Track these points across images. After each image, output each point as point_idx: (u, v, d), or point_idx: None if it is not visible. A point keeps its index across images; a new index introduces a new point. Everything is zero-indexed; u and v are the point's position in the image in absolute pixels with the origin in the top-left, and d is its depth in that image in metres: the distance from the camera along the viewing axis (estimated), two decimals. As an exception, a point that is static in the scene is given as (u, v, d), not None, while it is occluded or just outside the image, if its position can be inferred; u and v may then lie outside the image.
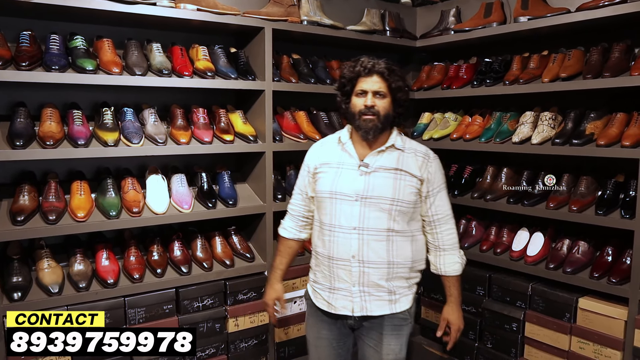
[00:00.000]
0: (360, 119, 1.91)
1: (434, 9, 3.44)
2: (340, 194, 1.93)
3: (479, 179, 3.01)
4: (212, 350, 2.57)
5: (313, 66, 3.01)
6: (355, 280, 1.92)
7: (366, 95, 1.90)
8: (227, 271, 2.60)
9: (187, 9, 2.41)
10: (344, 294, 1.95)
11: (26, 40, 2.21)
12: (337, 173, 1.97)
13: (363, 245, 1.90)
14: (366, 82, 1.90)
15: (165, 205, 2.48)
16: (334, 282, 1.96)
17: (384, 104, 1.91)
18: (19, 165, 2.42)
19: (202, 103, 2.73)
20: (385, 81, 1.90)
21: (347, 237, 1.91)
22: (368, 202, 1.90)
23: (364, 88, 1.91)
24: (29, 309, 2.08)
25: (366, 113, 1.89)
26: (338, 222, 1.93)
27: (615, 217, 2.35)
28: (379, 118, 1.89)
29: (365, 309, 1.93)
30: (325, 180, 1.99)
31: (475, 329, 2.86)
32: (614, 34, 2.54)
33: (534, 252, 2.65)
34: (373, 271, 1.91)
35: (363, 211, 1.90)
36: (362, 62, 1.92)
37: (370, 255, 1.90)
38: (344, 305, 1.95)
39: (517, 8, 2.72)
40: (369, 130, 1.90)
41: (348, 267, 1.92)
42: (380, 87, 1.90)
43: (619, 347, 2.31)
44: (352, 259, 1.91)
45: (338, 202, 1.93)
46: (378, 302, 1.93)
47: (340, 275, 1.94)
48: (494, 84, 2.84)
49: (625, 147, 2.28)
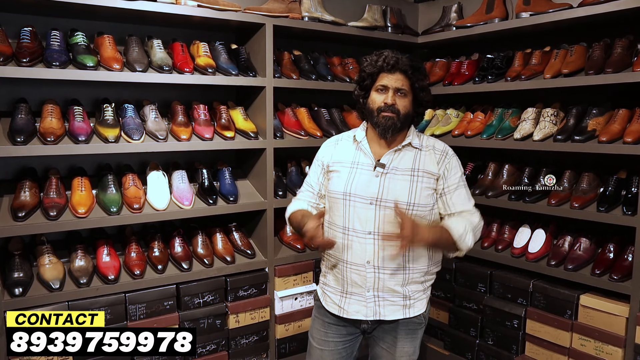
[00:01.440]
0: (379, 115, 1.83)
1: (435, 5, 3.43)
2: (355, 195, 1.85)
3: (480, 176, 3.00)
4: (212, 346, 2.57)
5: (314, 62, 3.00)
6: (370, 286, 1.85)
7: (387, 91, 1.82)
8: (227, 267, 2.60)
9: (188, 5, 2.41)
10: (357, 298, 1.88)
11: (27, 37, 2.21)
12: (351, 173, 1.89)
13: (379, 251, 1.82)
14: (388, 79, 1.82)
15: (166, 201, 2.48)
16: (347, 287, 1.89)
17: (405, 103, 1.83)
18: (20, 162, 2.43)
19: (202, 99, 2.74)
20: (409, 79, 1.82)
21: (362, 241, 1.84)
22: (384, 206, 1.81)
23: (385, 84, 1.82)
24: (30, 305, 2.09)
25: (385, 110, 1.81)
26: (352, 225, 1.85)
27: (617, 213, 2.34)
28: (399, 117, 1.82)
29: (379, 313, 1.87)
30: (338, 180, 1.90)
31: (476, 325, 2.85)
32: (616, 30, 2.53)
33: (535, 249, 2.64)
34: (389, 277, 1.84)
35: (379, 215, 1.82)
36: (386, 57, 1.82)
37: (386, 261, 1.83)
38: (357, 310, 1.89)
39: (519, 4, 2.70)
40: (387, 128, 1.82)
41: (363, 273, 1.85)
42: (403, 84, 1.82)
43: (621, 344, 2.31)
44: (367, 265, 1.84)
45: (352, 204, 1.85)
46: (392, 307, 1.87)
47: (354, 279, 1.87)
48: (495, 80, 2.83)
49: (628, 143, 2.26)
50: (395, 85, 1.81)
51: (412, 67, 1.82)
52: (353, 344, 2.01)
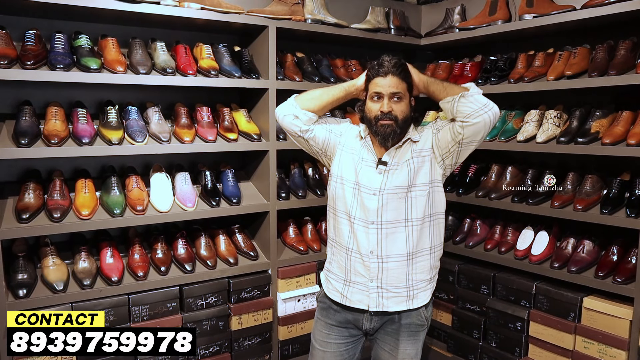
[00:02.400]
0: (377, 124, 1.81)
1: (438, 7, 3.42)
2: (363, 186, 1.87)
3: (483, 178, 2.99)
4: (215, 348, 2.58)
5: (317, 64, 3.00)
6: (374, 276, 1.86)
7: (382, 99, 1.80)
8: (230, 269, 2.61)
9: (191, 7, 2.42)
10: (360, 287, 1.88)
11: (31, 39, 2.22)
12: (358, 165, 1.90)
13: (382, 239, 1.84)
14: (382, 85, 1.79)
15: (170, 203, 2.49)
16: (350, 275, 1.90)
17: (402, 108, 1.81)
18: (24, 164, 2.44)
19: (206, 101, 2.74)
20: (403, 81, 1.80)
21: (365, 230, 1.85)
22: (386, 194, 1.83)
23: (378, 91, 1.80)
24: (34, 306, 2.10)
25: (383, 118, 1.79)
26: (357, 213, 1.87)
27: (621, 216, 2.33)
28: (397, 123, 1.80)
29: (382, 304, 1.87)
30: (348, 166, 1.91)
31: (479, 328, 2.85)
32: (619, 32, 2.52)
33: (538, 251, 2.64)
34: (392, 265, 1.85)
35: (381, 204, 1.83)
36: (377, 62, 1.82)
37: (390, 249, 1.84)
38: (359, 300, 1.89)
39: (522, 6, 2.71)
40: (386, 136, 1.81)
41: (367, 262, 1.86)
42: (398, 87, 1.79)
43: (624, 346, 2.30)
44: (370, 254, 1.85)
45: (359, 193, 1.87)
46: (395, 298, 1.87)
47: (358, 269, 1.88)
48: (498, 82, 2.83)
49: (631, 145, 2.26)
50: (390, 90, 1.79)
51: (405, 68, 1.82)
52: (355, 345, 2.01)
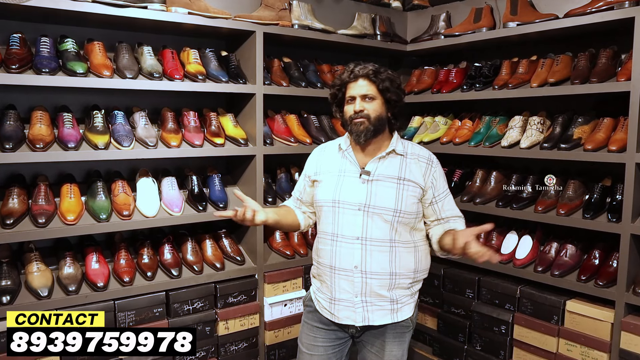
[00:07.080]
0: (352, 124, 1.90)
1: (424, 14, 3.46)
2: (344, 202, 1.90)
3: (468, 183, 3.03)
4: (202, 353, 2.57)
5: (304, 70, 3.02)
6: (358, 291, 1.88)
7: (355, 100, 1.89)
8: (217, 274, 2.60)
9: (179, 12, 2.42)
10: (346, 304, 1.91)
11: (16, 43, 2.20)
12: (338, 181, 1.93)
13: (366, 256, 1.87)
14: (353, 88, 1.90)
15: (156, 208, 2.48)
16: (335, 293, 1.92)
17: (374, 106, 1.89)
18: (9, 168, 2.41)
19: (193, 106, 2.74)
20: (373, 83, 1.88)
21: (350, 247, 1.88)
22: (371, 212, 1.86)
23: (351, 94, 1.90)
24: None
25: (356, 117, 1.88)
26: (341, 231, 1.90)
27: (602, 220, 2.38)
28: (370, 120, 1.87)
29: (368, 319, 1.90)
30: (326, 189, 1.96)
31: (464, 331, 2.87)
32: (601, 40, 2.58)
33: (522, 255, 2.67)
34: (376, 282, 1.87)
35: (366, 221, 1.87)
36: (348, 67, 1.93)
37: (373, 266, 1.87)
38: (346, 316, 1.91)
39: (507, 13, 2.75)
40: (360, 133, 1.88)
41: (350, 278, 1.88)
42: (368, 89, 1.88)
43: (606, 349, 2.34)
44: (354, 269, 1.88)
45: (341, 211, 1.90)
46: (380, 311, 1.90)
47: (342, 285, 1.90)
48: (483, 89, 2.87)
49: (612, 151, 2.31)
50: (361, 92, 1.89)
51: (374, 70, 1.89)
52: (342, 348, 2.03)
